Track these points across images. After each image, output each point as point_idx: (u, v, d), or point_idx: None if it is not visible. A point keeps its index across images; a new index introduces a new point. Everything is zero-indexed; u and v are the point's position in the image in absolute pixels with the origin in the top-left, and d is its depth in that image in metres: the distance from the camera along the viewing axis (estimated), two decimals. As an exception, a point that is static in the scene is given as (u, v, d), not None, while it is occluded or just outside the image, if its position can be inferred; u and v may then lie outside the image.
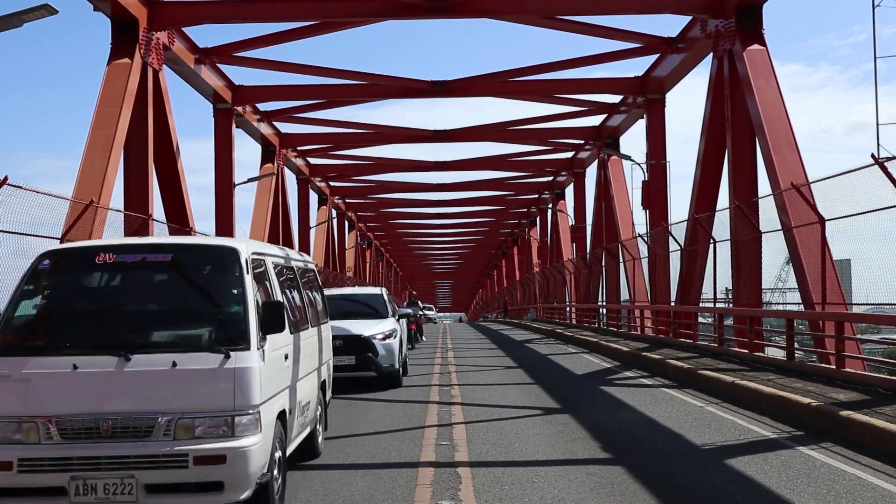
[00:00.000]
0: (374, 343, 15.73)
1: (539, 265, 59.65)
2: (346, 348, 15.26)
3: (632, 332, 28.71)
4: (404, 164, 46.50)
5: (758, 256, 18.86)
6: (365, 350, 15.59)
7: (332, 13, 24.57)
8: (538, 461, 8.98)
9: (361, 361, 15.55)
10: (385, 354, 15.77)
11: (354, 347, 15.46)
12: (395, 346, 16.11)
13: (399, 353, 16.45)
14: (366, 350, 15.60)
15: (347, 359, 15.32)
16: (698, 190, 23.38)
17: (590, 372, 19.19)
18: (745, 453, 9.15)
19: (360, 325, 15.94)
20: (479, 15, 24.46)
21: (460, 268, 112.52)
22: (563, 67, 29.28)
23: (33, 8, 14.09)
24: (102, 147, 19.77)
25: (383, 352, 15.75)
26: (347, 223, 62.11)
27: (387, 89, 31.95)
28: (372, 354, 15.64)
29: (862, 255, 15.00)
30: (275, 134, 37.20)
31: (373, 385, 15.91)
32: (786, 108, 19.86)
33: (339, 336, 14.38)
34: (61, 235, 14.83)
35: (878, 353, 28.56)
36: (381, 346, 15.79)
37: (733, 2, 21.19)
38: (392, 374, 16.04)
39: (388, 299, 18.10)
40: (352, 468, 8.82)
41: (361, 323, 16.17)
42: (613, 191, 35.32)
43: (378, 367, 15.71)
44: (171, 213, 23.96)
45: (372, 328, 15.96)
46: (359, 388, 15.75)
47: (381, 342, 15.83)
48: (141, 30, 21.80)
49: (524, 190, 55.77)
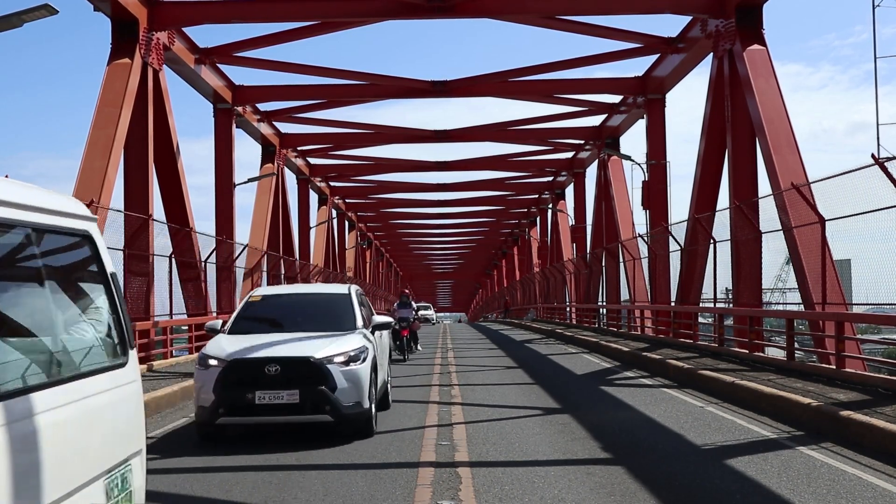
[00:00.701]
0: (329, 370, 10.30)
1: (539, 265, 59.65)
2: (287, 378, 10.20)
3: (632, 332, 28.72)
4: (404, 165, 46.52)
5: (758, 256, 18.86)
6: (315, 381, 10.25)
7: (332, 13, 24.58)
8: (538, 461, 8.97)
9: (310, 399, 10.22)
10: (347, 388, 10.34)
11: (299, 377, 10.23)
12: (363, 375, 10.56)
13: (371, 385, 10.78)
14: (317, 381, 10.25)
15: (288, 394, 10.16)
16: (698, 190, 23.39)
17: (590, 372, 19.18)
18: (745, 453, 9.15)
19: (311, 343, 10.85)
20: (479, 15, 24.46)
21: (460, 268, 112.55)
22: (563, 67, 29.30)
23: (33, 8, 14.10)
24: (102, 147, 19.79)
25: (344, 383, 10.32)
26: (347, 223, 62.12)
27: (387, 89, 31.96)
28: (326, 388, 10.23)
29: (862, 255, 15.01)
30: (275, 134, 37.20)
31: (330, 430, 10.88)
32: (786, 108, 19.87)
33: (276, 360, 10.27)
34: (61, 235, 14.83)
35: (879, 353, 28.55)
36: (342, 376, 10.35)
37: (733, 2, 21.20)
38: (358, 419, 10.50)
39: (357, 302, 12.47)
40: (352, 468, 8.82)
41: (313, 339, 11.07)
42: (613, 191, 35.33)
43: (336, 408, 10.24)
44: (171, 213, 23.97)
45: (328, 347, 10.67)
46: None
47: (341, 369, 10.41)
48: (141, 30, 21.81)
49: (524, 190, 55.78)
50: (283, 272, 35.64)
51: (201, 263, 23.98)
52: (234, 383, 10.24)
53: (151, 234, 20.01)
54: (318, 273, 44.30)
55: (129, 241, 18.64)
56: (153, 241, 20.15)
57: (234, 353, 10.52)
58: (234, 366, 10.34)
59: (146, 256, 19.85)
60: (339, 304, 12.41)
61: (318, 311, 12.23)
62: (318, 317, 12.01)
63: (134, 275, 19.53)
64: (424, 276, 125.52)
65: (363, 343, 11.12)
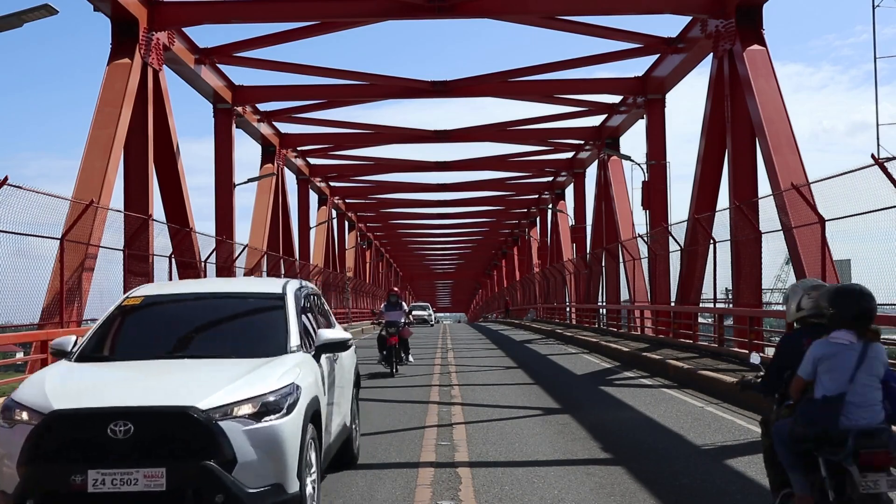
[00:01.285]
0: (222, 431, 5.90)
1: (539, 265, 59.66)
2: (145, 447, 5.83)
3: (632, 332, 28.72)
4: (404, 165, 46.53)
5: (758, 256, 18.85)
6: (197, 450, 5.84)
7: (332, 13, 24.58)
8: (538, 461, 8.98)
9: (186, 483, 5.77)
10: (255, 460, 5.95)
11: (168, 444, 5.84)
12: (285, 436, 6.15)
13: (305, 451, 6.40)
14: (200, 450, 5.84)
15: (147, 476, 5.74)
16: (698, 190, 23.39)
17: (590, 372, 19.19)
18: (745, 453, 9.15)
19: (201, 381, 6.41)
20: (480, 15, 24.47)
21: (460, 268, 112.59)
22: (563, 68, 29.31)
23: (33, 8, 14.11)
24: (102, 147, 19.79)
25: (251, 453, 5.94)
26: (347, 223, 62.13)
27: (387, 89, 31.97)
28: (216, 463, 5.80)
29: (862, 255, 15.01)
30: (275, 134, 37.21)
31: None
32: (786, 109, 19.87)
33: (129, 413, 5.87)
34: (61, 235, 14.84)
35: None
36: (247, 439, 5.97)
37: (733, 2, 21.20)
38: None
39: (295, 309, 7.64)
40: (351, 468, 8.82)
41: (208, 373, 6.63)
42: (613, 191, 35.33)
43: (232, 495, 5.80)
44: (171, 213, 23.97)
45: (227, 387, 6.22)
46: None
47: (246, 427, 6.01)
48: (141, 30, 21.82)
49: (524, 190, 55.81)
50: (283, 272, 35.64)
51: (201, 264, 23.95)
52: (54, 454, 5.81)
53: (151, 234, 19.99)
54: (318, 273, 44.32)
55: (128, 242, 18.62)
56: (153, 241, 20.13)
57: (62, 399, 6.03)
58: (54, 423, 5.85)
59: (146, 256, 19.83)
60: (263, 313, 7.62)
61: (228, 324, 7.62)
62: (227, 332, 7.50)
63: (134, 275, 19.51)
64: (424, 276, 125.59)
65: (291, 379, 6.43)
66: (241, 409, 6.01)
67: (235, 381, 6.25)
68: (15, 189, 12.30)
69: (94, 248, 17.04)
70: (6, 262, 12.97)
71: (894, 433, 5.26)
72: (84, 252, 16.45)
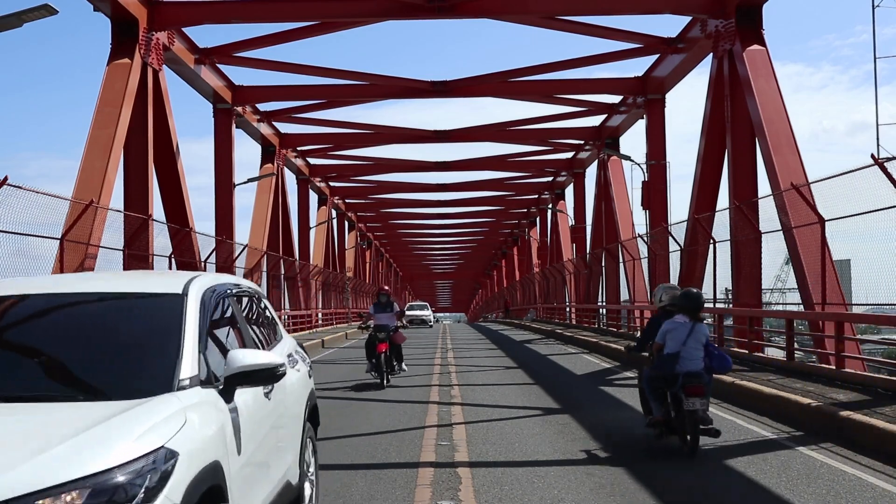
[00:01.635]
0: None
1: (539, 265, 59.66)
2: None
3: (632, 332, 28.70)
4: (404, 165, 46.55)
5: (758, 256, 18.86)
6: None
7: (332, 13, 24.59)
8: (538, 461, 8.97)
9: None
10: None
11: None
12: None
13: None
14: None
15: None
16: (698, 190, 23.40)
17: (590, 372, 19.18)
18: (745, 453, 9.15)
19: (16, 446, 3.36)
20: (480, 15, 24.48)
21: (460, 268, 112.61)
22: (563, 68, 29.33)
23: (33, 8, 14.11)
24: (102, 147, 19.81)
25: None
26: (347, 223, 62.14)
27: (387, 89, 31.99)
28: None
29: (862, 255, 15.01)
30: (275, 134, 37.22)
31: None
32: (786, 109, 19.88)
33: None
34: (61, 235, 14.85)
35: (878, 353, 28.56)
36: None
37: (733, 2, 21.22)
38: None
39: (197, 316, 4.67)
40: (352, 468, 8.81)
41: (15, 426, 3.64)
42: (613, 191, 35.34)
43: None
44: (170, 213, 23.98)
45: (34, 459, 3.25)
46: (358, 388, 15.73)
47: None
48: (141, 30, 21.83)
49: (524, 190, 55.82)
50: (283, 272, 35.64)
51: (201, 264, 23.95)
52: None
53: (151, 234, 20.00)
54: (318, 273, 44.32)
55: (128, 242, 18.64)
56: (153, 241, 20.14)
57: None
58: None
59: (146, 256, 19.84)
60: (144, 325, 4.72)
61: (85, 343, 4.57)
62: (79, 357, 4.47)
63: (134, 275, 19.50)
64: (424, 276, 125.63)
65: (159, 441, 3.57)
66: (62, 497, 3.22)
67: (55, 446, 3.40)
68: (15, 189, 12.32)
69: (94, 248, 17.05)
70: (6, 262, 12.99)
71: (706, 376, 9.21)
72: (84, 252, 16.46)
